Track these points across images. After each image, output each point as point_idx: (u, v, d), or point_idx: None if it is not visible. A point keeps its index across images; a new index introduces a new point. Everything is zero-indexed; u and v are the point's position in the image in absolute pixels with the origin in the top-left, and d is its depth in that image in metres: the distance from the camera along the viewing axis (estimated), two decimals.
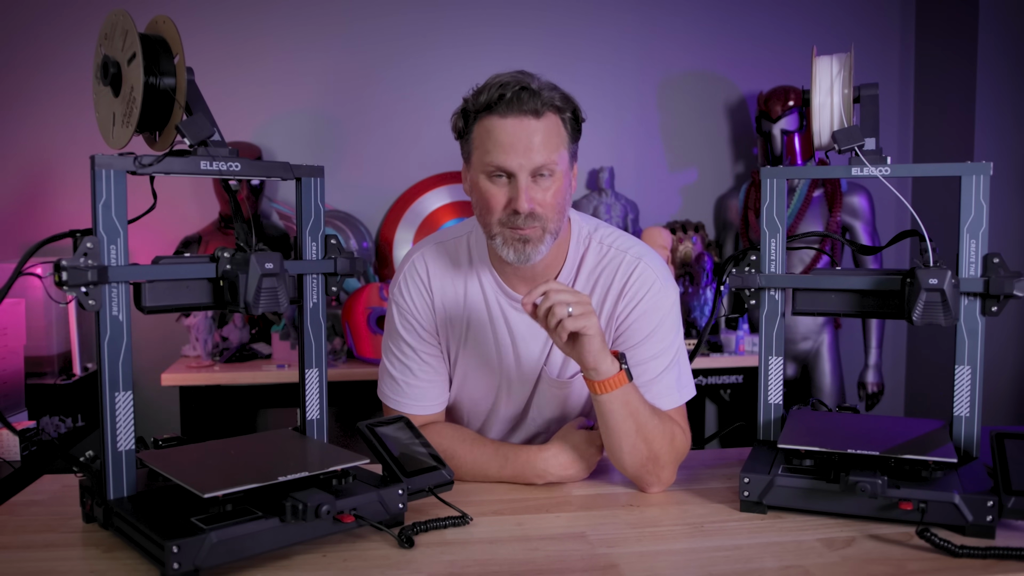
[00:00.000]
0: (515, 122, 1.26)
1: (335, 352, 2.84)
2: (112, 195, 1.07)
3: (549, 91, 1.28)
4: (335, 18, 3.32)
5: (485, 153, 1.28)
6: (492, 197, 1.29)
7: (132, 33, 1.11)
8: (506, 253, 1.32)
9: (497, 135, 1.27)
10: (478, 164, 1.31)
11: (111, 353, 1.09)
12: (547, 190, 1.29)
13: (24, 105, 3.17)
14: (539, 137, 1.27)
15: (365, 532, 1.15)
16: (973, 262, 1.24)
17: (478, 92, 1.29)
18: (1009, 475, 1.11)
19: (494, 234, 1.32)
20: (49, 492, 1.35)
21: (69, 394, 2.70)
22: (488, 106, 1.27)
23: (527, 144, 1.26)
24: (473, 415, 1.51)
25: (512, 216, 1.29)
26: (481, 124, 1.29)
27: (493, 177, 1.29)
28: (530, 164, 1.27)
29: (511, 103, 1.25)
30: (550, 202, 1.29)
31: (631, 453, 1.30)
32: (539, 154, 1.27)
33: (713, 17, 3.54)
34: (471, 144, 1.32)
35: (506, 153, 1.26)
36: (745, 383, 3.00)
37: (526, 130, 1.26)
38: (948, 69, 3.47)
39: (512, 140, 1.26)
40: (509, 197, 1.28)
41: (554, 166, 1.28)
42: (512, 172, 1.27)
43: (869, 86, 1.32)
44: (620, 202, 3.38)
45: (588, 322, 1.20)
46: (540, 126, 1.27)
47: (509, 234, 1.30)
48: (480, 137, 1.29)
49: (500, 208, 1.29)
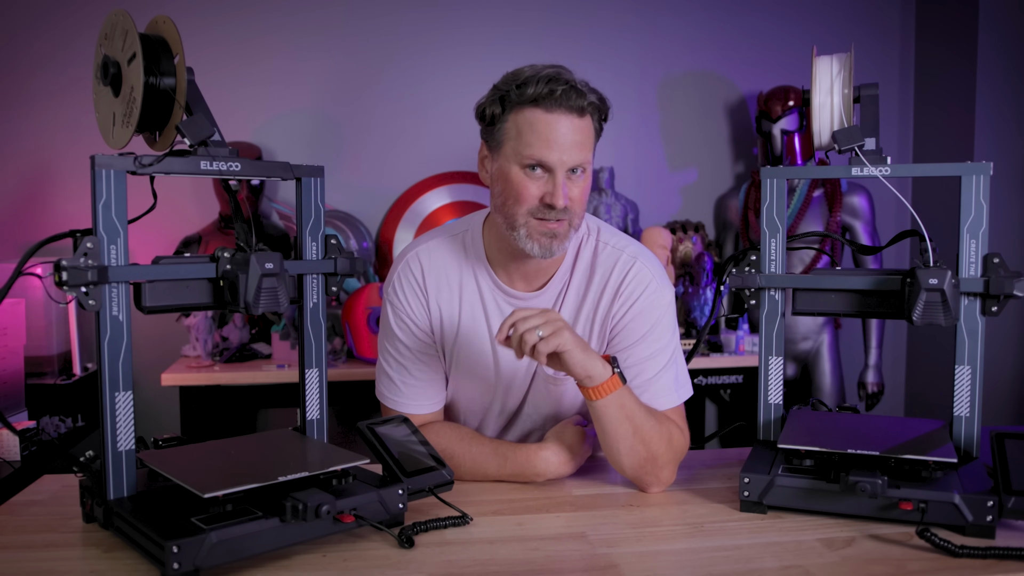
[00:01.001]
0: (560, 118, 1.27)
1: (335, 352, 2.84)
2: (112, 195, 1.07)
3: (591, 92, 1.30)
4: (335, 18, 3.33)
5: (525, 145, 1.28)
6: (525, 189, 1.30)
7: (132, 33, 1.11)
8: (530, 246, 1.32)
9: (541, 129, 1.27)
10: (512, 154, 1.30)
11: (111, 353, 1.09)
12: (578, 187, 1.31)
13: (24, 105, 3.17)
14: (580, 136, 1.29)
15: (365, 532, 1.15)
16: (973, 262, 1.24)
17: (522, 82, 1.28)
18: (1009, 475, 1.11)
19: (518, 225, 1.32)
20: (49, 492, 1.35)
21: (69, 394, 2.70)
22: (534, 99, 1.27)
23: (571, 141, 1.28)
24: (469, 413, 1.51)
25: (545, 209, 1.29)
26: (522, 114, 1.29)
27: (527, 168, 1.30)
28: (570, 161, 1.28)
29: (560, 99, 1.26)
30: (579, 199, 1.32)
31: (629, 455, 1.30)
32: (579, 152, 1.29)
33: (713, 17, 3.54)
34: (503, 133, 1.31)
35: (549, 148, 1.27)
36: (745, 383, 3.00)
37: (570, 127, 1.28)
38: (948, 69, 3.47)
39: (556, 136, 1.27)
40: (544, 191, 1.29)
41: (588, 164, 1.32)
42: (552, 167, 1.28)
43: (869, 86, 1.32)
44: (620, 202, 3.38)
45: (560, 340, 1.20)
46: (582, 125, 1.29)
47: (536, 226, 1.31)
48: (518, 127, 1.29)
49: (533, 200, 1.30)
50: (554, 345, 1.20)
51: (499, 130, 1.32)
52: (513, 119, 1.30)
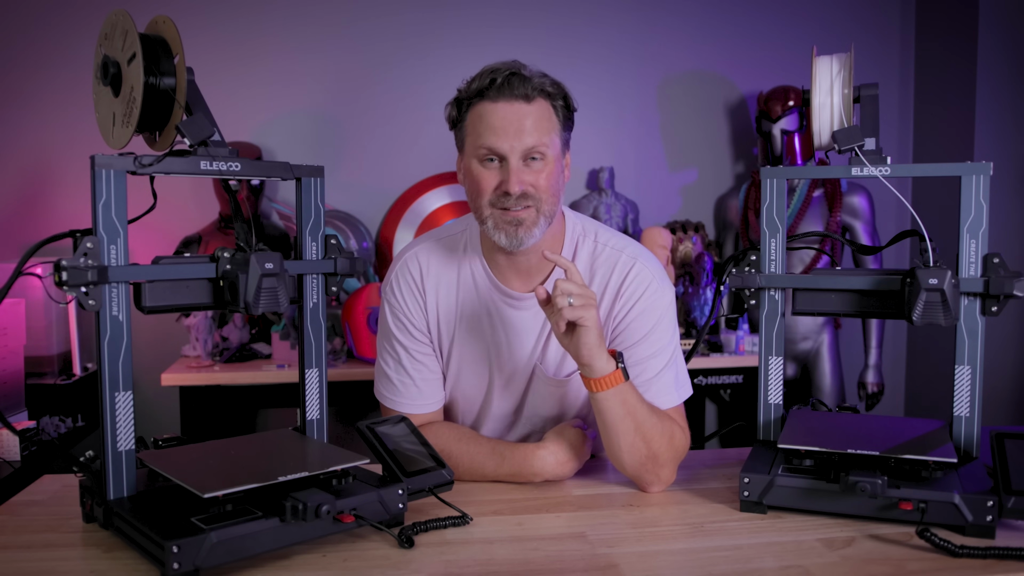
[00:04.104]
0: (506, 106, 1.30)
1: (335, 352, 2.84)
2: (112, 195, 1.07)
3: (539, 77, 1.32)
4: (335, 18, 3.33)
5: (477, 137, 1.31)
6: (483, 180, 1.32)
7: (132, 33, 1.11)
8: (498, 237, 1.33)
9: (488, 119, 1.30)
10: (471, 149, 1.33)
11: (111, 353, 1.09)
12: (539, 173, 1.31)
13: (24, 105, 3.17)
14: (530, 120, 1.30)
15: (365, 532, 1.15)
16: (973, 262, 1.24)
17: (471, 81, 1.33)
18: (1009, 475, 1.11)
19: (485, 217, 1.34)
20: (49, 492, 1.35)
21: (69, 394, 2.70)
22: (480, 92, 1.31)
23: (518, 127, 1.29)
24: (467, 412, 1.51)
25: (503, 197, 1.31)
26: (473, 110, 1.33)
27: (485, 161, 1.32)
28: (521, 146, 1.29)
29: (501, 87, 1.29)
30: (543, 184, 1.32)
31: (630, 452, 1.30)
32: (530, 136, 1.29)
33: (713, 17, 3.54)
34: (464, 132, 1.35)
35: (497, 136, 1.29)
36: (745, 383, 3.00)
37: (517, 114, 1.29)
38: (948, 69, 3.47)
39: (503, 123, 1.29)
40: (500, 179, 1.31)
41: (545, 149, 1.31)
42: (503, 155, 1.30)
43: (869, 86, 1.32)
44: (620, 202, 3.38)
45: (586, 313, 1.22)
46: (531, 110, 1.30)
47: (500, 216, 1.32)
48: (472, 123, 1.33)
49: (490, 190, 1.32)
50: (577, 316, 1.21)
51: (460, 130, 1.36)
52: (469, 116, 1.34)
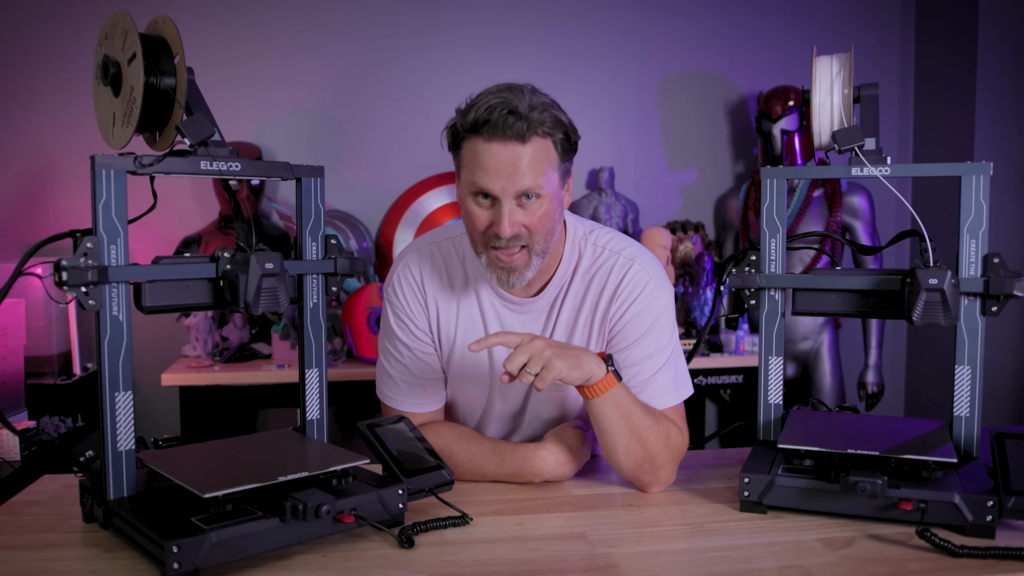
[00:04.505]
0: (500, 147, 1.24)
1: (335, 352, 2.84)
2: (112, 195, 1.07)
3: (539, 113, 1.24)
4: (335, 18, 3.32)
5: (470, 173, 1.27)
6: (476, 218, 1.29)
7: (132, 33, 1.11)
8: (490, 277, 1.33)
9: (482, 158, 1.25)
10: (465, 183, 1.30)
11: (111, 353, 1.09)
12: (533, 213, 1.28)
13: (24, 105, 3.17)
14: (524, 162, 1.24)
15: (365, 532, 1.15)
16: (973, 262, 1.24)
17: (466, 110, 1.27)
18: (1009, 475, 1.11)
19: (478, 253, 1.33)
20: (49, 492, 1.35)
21: (69, 394, 2.70)
22: (474, 127, 1.25)
23: (511, 169, 1.24)
24: (468, 415, 1.51)
25: (494, 238, 1.28)
26: (468, 144, 1.27)
27: (478, 198, 1.28)
28: (513, 188, 1.25)
29: (496, 127, 1.23)
30: (536, 225, 1.28)
31: (626, 454, 1.30)
32: (524, 178, 1.24)
33: (713, 17, 3.54)
34: (460, 160, 1.31)
35: (490, 177, 1.25)
36: (745, 383, 3.00)
37: (511, 156, 1.24)
38: (948, 69, 3.47)
39: (496, 165, 1.24)
40: (491, 220, 1.28)
41: (540, 189, 1.26)
42: (496, 195, 1.26)
43: (869, 86, 1.32)
44: (620, 202, 3.38)
45: (551, 372, 1.19)
46: (526, 151, 1.24)
47: (493, 257, 1.31)
48: (467, 157, 1.28)
49: (482, 229, 1.29)
50: (549, 379, 1.19)
51: (457, 158, 1.32)
52: (465, 148, 1.28)
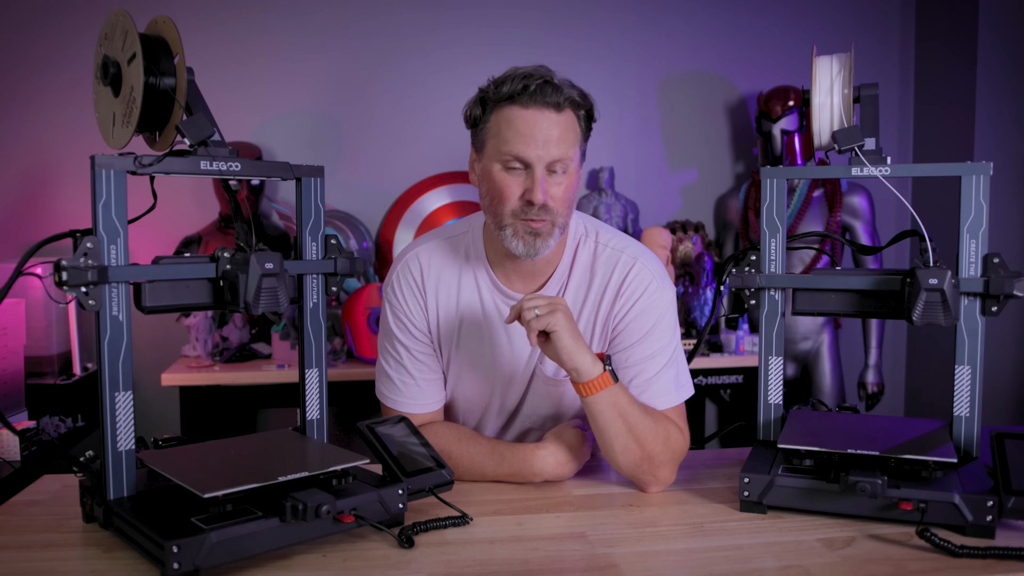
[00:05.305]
0: (536, 113, 1.27)
1: (335, 352, 2.84)
2: (112, 195, 1.07)
3: (569, 87, 1.30)
4: (335, 18, 3.33)
5: (503, 142, 1.29)
6: (507, 187, 1.30)
7: (132, 33, 1.11)
8: (515, 245, 1.32)
9: (518, 125, 1.28)
10: (493, 153, 1.31)
11: (111, 353, 1.09)
12: (559, 185, 1.30)
13: (24, 105, 3.17)
14: (558, 131, 1.28)
15: (365, 532, 1.15)
16: (973, 262, 1.24)
17: (499, 82, 1.30)
18: (1009, 475, 1.11)
19: (504, 225, 1.32)
20: (49, 492, 1.35)
21: (69, 394, 2.70)
22: (510, 96, 1.28)
23: (547, 136, 1.27)
24: (468, 412, 1.51)
25: (526, 207, 1.29)
26: (500, 113, 1.30)
27: (509, 167, 1.30)
28: (548, 156, 1.28)
29: (534, 94, 1.27)
30: (561, 197, 1.31)
31: (623, 454, 1.30)
32: (557, 148, 1.28)
33: (713, 17, 3.54)
34: (485, 133, 1.32)
35: (525, 143, 1.27)
36: (745, 383, 3.00)
37: (547, 122, 1.27)
38: (948, 69, 3.47)
39: (532, 131, 1.27)
40: (524, 188, 1.29)
41: (569, 161, 1.30)
42: (530, 163, 1.28)
43: (869, 86, 1.32)
44: (620, 202, 3.38)
45: (552, 319, 1.22)
46: (560, 120, 1.28)
47: (521, 226, 1.31)
48: (498, 126, 1.30)
49: (514, 198, 1.30)
50: (544, 323, 1.22)
51: (482, 130, 1.33)
52: (494, 118, 1.31)
